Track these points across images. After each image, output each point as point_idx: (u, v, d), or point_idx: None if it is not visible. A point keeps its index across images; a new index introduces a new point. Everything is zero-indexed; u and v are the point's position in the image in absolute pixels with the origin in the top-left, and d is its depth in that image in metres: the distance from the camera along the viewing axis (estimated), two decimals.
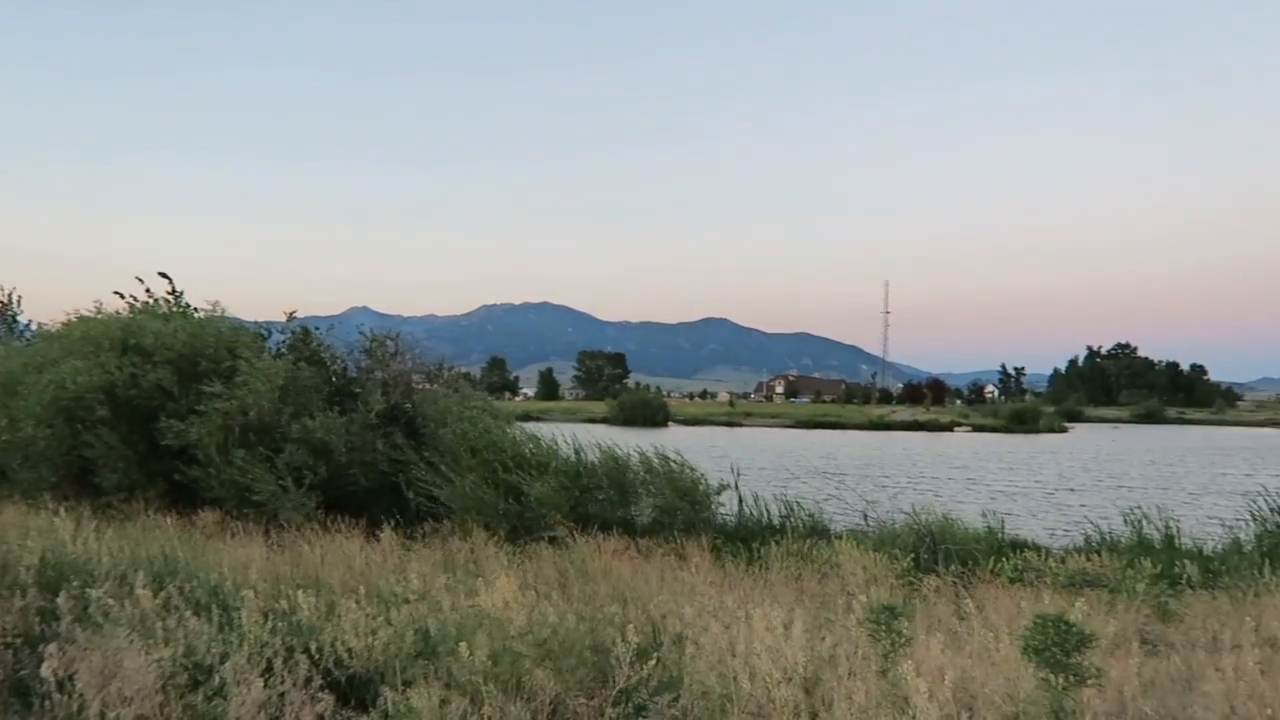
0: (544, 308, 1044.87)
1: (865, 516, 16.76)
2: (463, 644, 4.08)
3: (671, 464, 15.89)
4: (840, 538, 14.31)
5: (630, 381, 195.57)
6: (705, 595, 6.28)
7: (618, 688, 4.04)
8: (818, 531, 15.75)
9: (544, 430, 17.81)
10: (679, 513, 14.65)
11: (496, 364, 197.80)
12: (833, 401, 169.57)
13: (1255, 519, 16.35)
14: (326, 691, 4.42)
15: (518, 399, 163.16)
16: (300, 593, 5.68)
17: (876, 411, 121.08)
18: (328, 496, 14.32)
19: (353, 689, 4.69)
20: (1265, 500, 16.46)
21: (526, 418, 39.39)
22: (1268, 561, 13.37)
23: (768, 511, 16.89)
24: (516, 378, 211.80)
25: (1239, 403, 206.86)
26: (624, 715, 4.06)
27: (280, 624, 5.22)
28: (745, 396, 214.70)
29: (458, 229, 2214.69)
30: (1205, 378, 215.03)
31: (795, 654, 3.98)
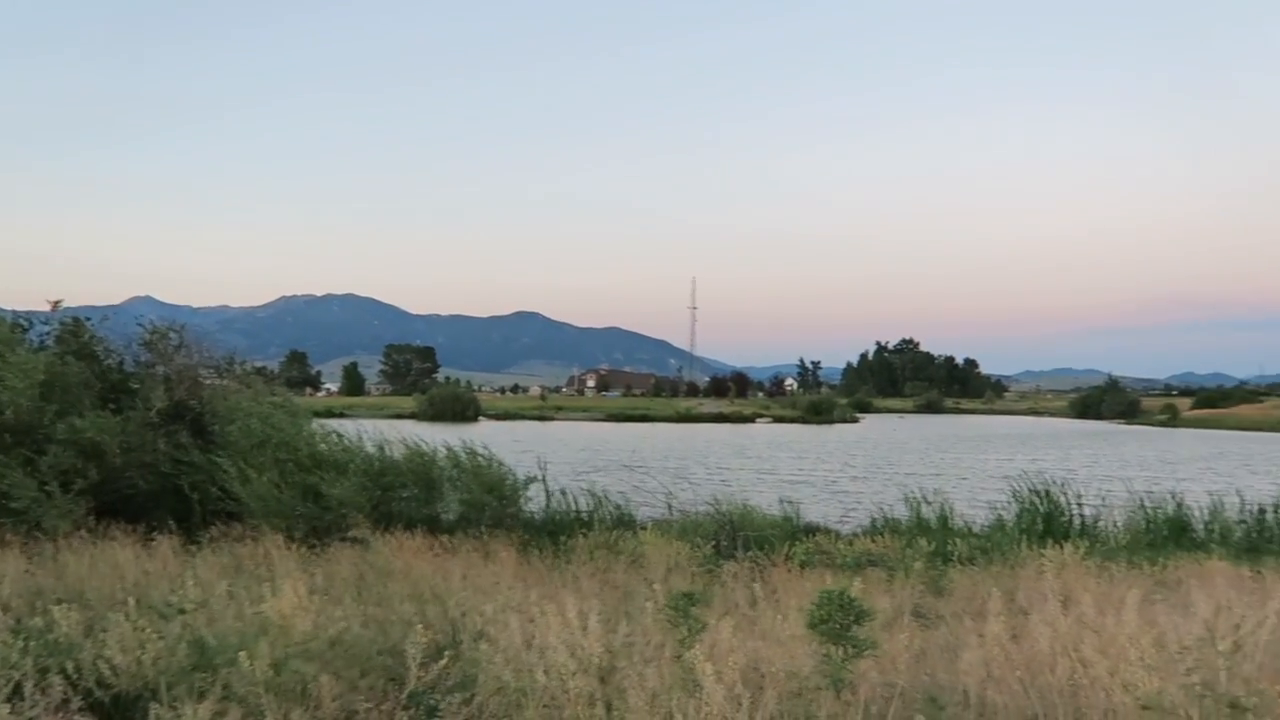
0: (348, 300, 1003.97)
1: (670, 507, 17.19)
2: (242, 654, 3.84)
3: (479, 460, 15.68)
4: (645, 528, 14.62)
5: (440, 376, 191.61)
6: (508, 591, 6.21)
7: (408, 690, 3.93)
8: (624, 523, 16.01)
9: (347, 427, 17.11)
10: (486, 509, 14.47)
11: (296, 358, 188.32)
12: (643, 395, 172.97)
13: (1016, 499, 18.07)
14: (86, 713, 4.05)
15: (320, 395, 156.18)
16: (59, 607, 5.18)
17: (684, 404, 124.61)
18: (101, 502, 13.14)
19: (118, 709, 4.33)
20: (1024, 483, 18.22)
21: (329, 414, 37.77)
22: (1025, 537, 14.80)
23: (576, 505, 17.01)
24: (319, 373, 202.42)
25: (1005, 393, 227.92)
26: (416, 718, 3.96)
27: (33, 643, 4.74)
28: (557, 390, 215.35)
29: (255, 214, 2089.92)
30: (978, 371, 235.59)
31: (592, 645, 4.00)
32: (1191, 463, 42.71)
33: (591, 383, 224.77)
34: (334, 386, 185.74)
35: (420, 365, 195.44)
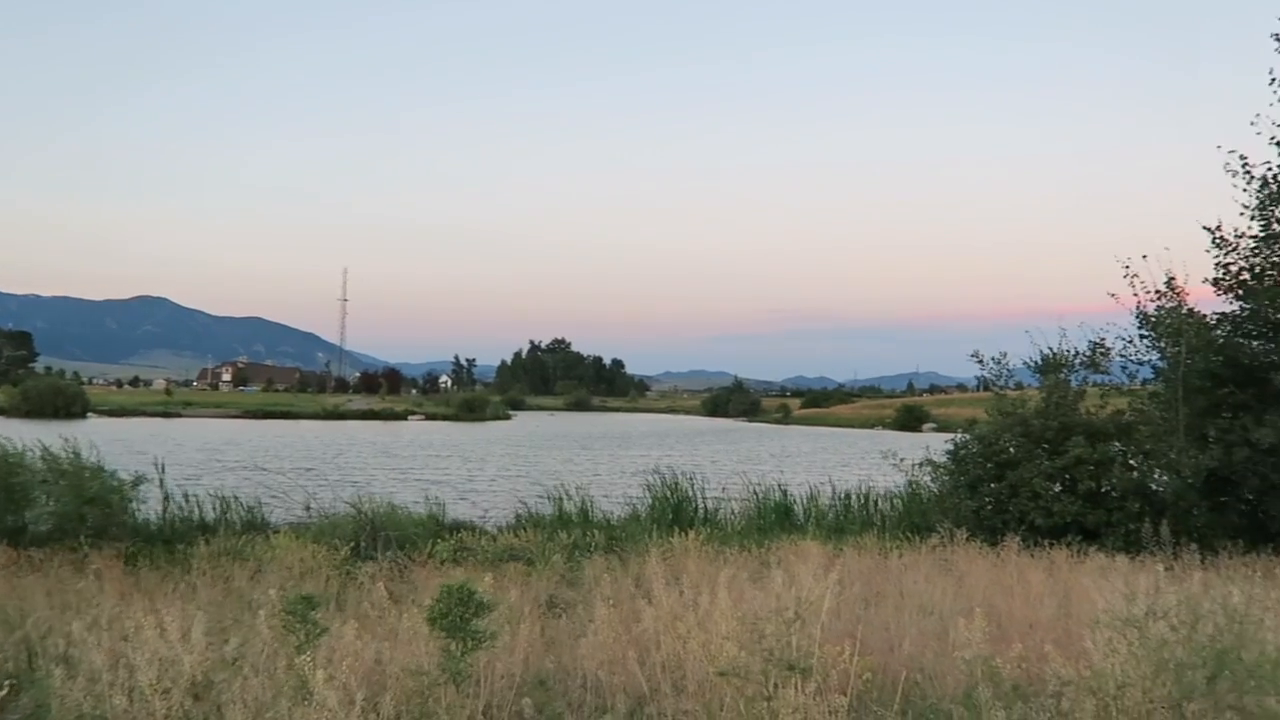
0: None
1: (308, 508, 16.34)
2: None
3: (82, 462, 13.85)
4: (279, 532, 13.78)
5: (39, 365, 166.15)
6: (101, 607, 5.55)
7: None
8: (256, 527, 15.00)
9: None
10: (87, 517, 12.82)
11: None
12: (286, 390, 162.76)
13: (650, 491, 19.40)
14: None
15: None
16: None
17: (332, 401, 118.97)
18: None
19: None
20: (658, 476, 19.62)
21: None
22: (656, 526, 15.95)
23: (200, 509, 15.65)
24: None
25: (648, 393, 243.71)
26: None
27: None
28: (188, 384, 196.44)
29: None
30: (623, 371, 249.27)
31: (194, 660, 3.70)
32: (797, 457, 48.37)
33: (228, 376, 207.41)
34: None
35: (13, 352, 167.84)
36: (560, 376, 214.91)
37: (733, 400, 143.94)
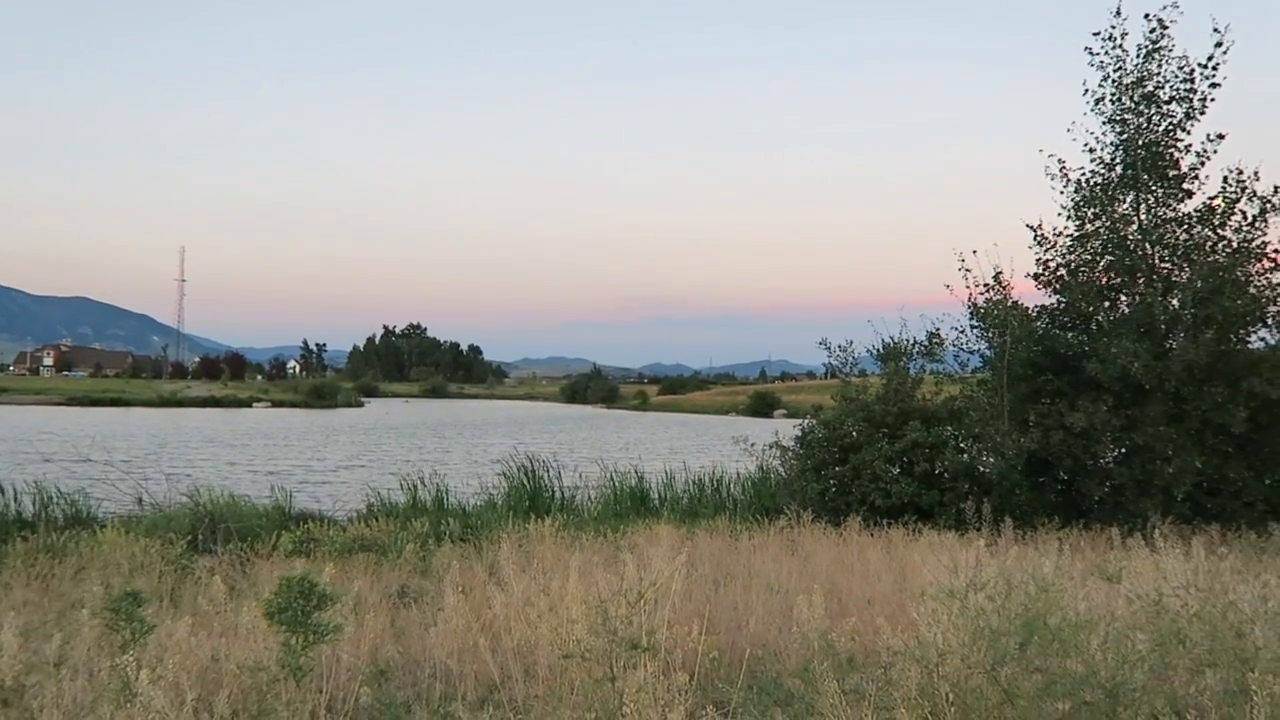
0: None
1: (140, 501, 15.40)
2: None
3: None
4: (107, 526, 12.93)
5: None
6: None
7: None
8: (81, 521, 13.99)
9: None
10: None
11: None
12: (117, 375, 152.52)
13: (507, 478, 19.27)
14: None
15: None
16: None
17: (169, 387, 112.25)
18: None
19: None
20: (515, 463, 19.51)
21: None
22: (511, 514, 15.86)
23: (16, 503, 14.51)
24: None
25: (506, 379, 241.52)
26: None
27: None
28: (3, 369, 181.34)
29: None
30: (481, 357, 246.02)
31: (6, 663, 3.45)
32: (654, 443, 49.05)
33: (50, 361, 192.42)
34: None
35: None
36: (416, 363, 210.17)
37: (591, 387, 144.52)
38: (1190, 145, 14.08)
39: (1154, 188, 14.18)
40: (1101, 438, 13.47)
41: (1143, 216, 14.25)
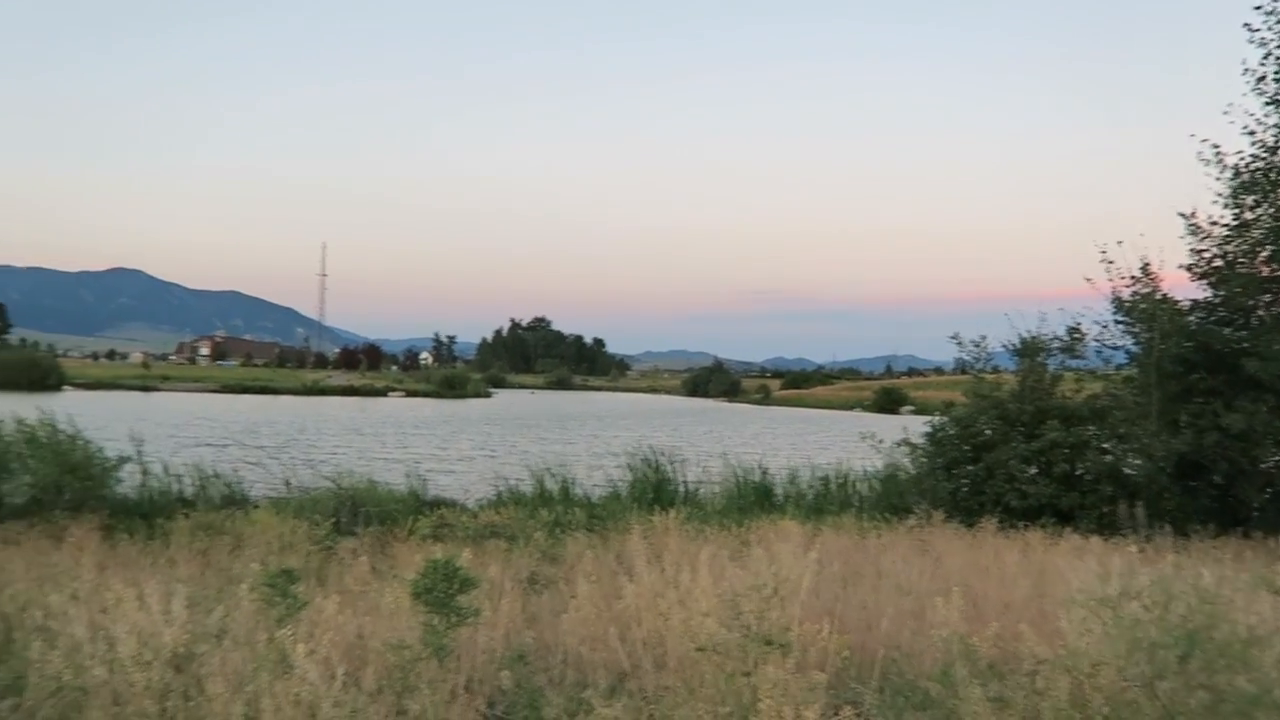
0: None
1: (288, 483, 16.27)
2: None
3: (58, 434, 13.73)
4: (259, 506, 13.73)
5: (13, 337, 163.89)
6: (81, 580, 5.53)
7: None
8: (235, 501, 14.92)
9: None
10: (64, 489, 12.73)
11: None
12: (265, 365, 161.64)
13: (631, 470, 19.45)
14: None
15: None
16: None
17: (312, 376, 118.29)
18: None
19: None
20: (639, 455, 19.65)
21: None
22: (636, 505, 16.00)
23: (179, 483, 15.55)
24: None
25: (629, 372, 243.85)
26: None
27: None
28: (165, 358, 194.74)
29: None
30: (604, 350, 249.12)
31: (175, 632, 3.70)
32: (777, 438, 48.60)
33: (206, 351, 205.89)
34: None
35: None
36: (541, 355, 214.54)
37: (713, 380, 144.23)
38: None
39: None
40: (1262, 440, 12.56)
41: None
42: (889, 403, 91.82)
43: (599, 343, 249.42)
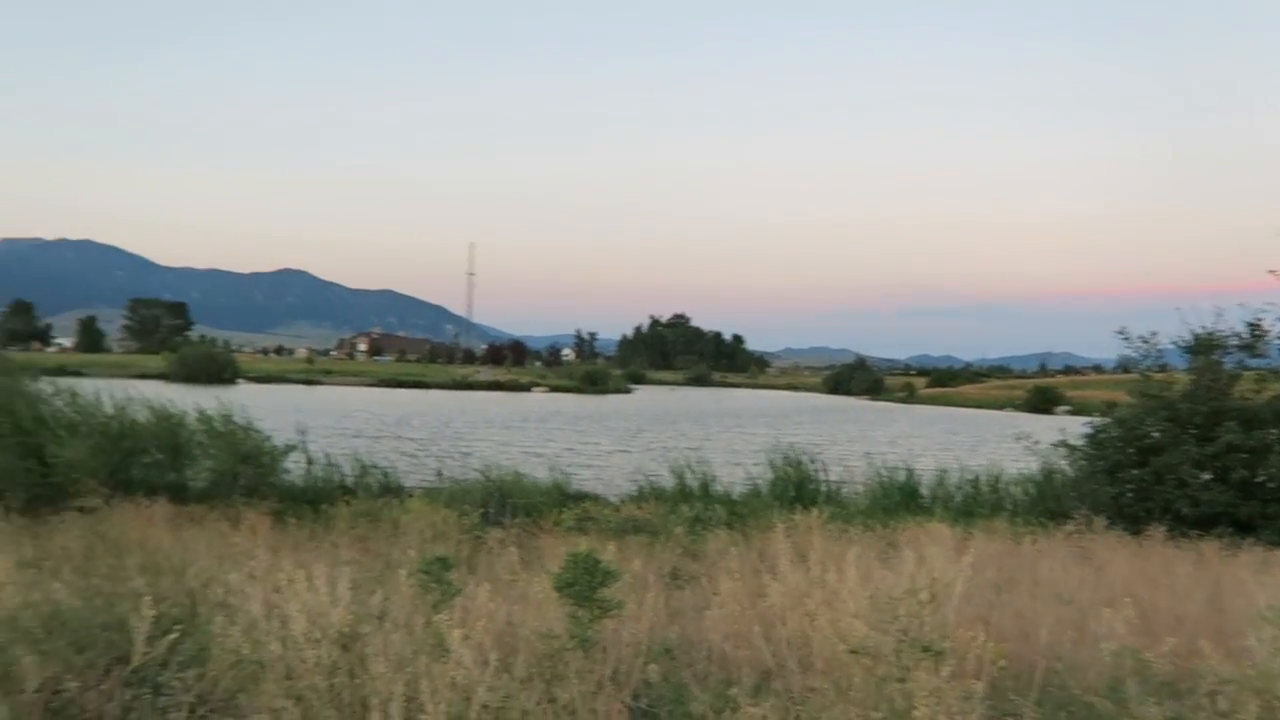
0: (86, 246, 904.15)
1: (439, 474, 16.94)
2: None
3: (234, 424, 14.77)
4: (412, 495, 14.36)
5: (194, 334, 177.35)
6: (257, 560, 5.91)
7: (131, 667, 3.66)
8: (391, 490, 15.64)
9: (84, 387, 15.54)
10: (240, 476, 13.68)
11: (20, 309, 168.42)
12: (417, 361, 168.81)
13: (772, 468, 19.26)
14: None
15: (50, 350, 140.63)
16: None
17: (460, 371, 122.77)
18: None
19: None
20: (780, 453, 19.44)
21: (61, 372, 33.98)
22: (778, 503, 15.84)
23: (340, 472, 16.42)
24: (49, 326, 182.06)
25: (768, 369, 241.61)
26: (139, 697, 3.70)
27: None
28: (326, 354, 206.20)
29: None
30: (743, 346, 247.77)
31: (340, 613, 3.90)
32: (922, 437, 47.12)
33: (363, 347, 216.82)
34: (68, 342, 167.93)
35: (170, 322, 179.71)
36: (680, 351, 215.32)
37: (855, 378, 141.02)
38: None
39: None
40: None
41: None
42: (1043, 402, 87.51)
43: (738, 339, 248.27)
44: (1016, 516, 14.55)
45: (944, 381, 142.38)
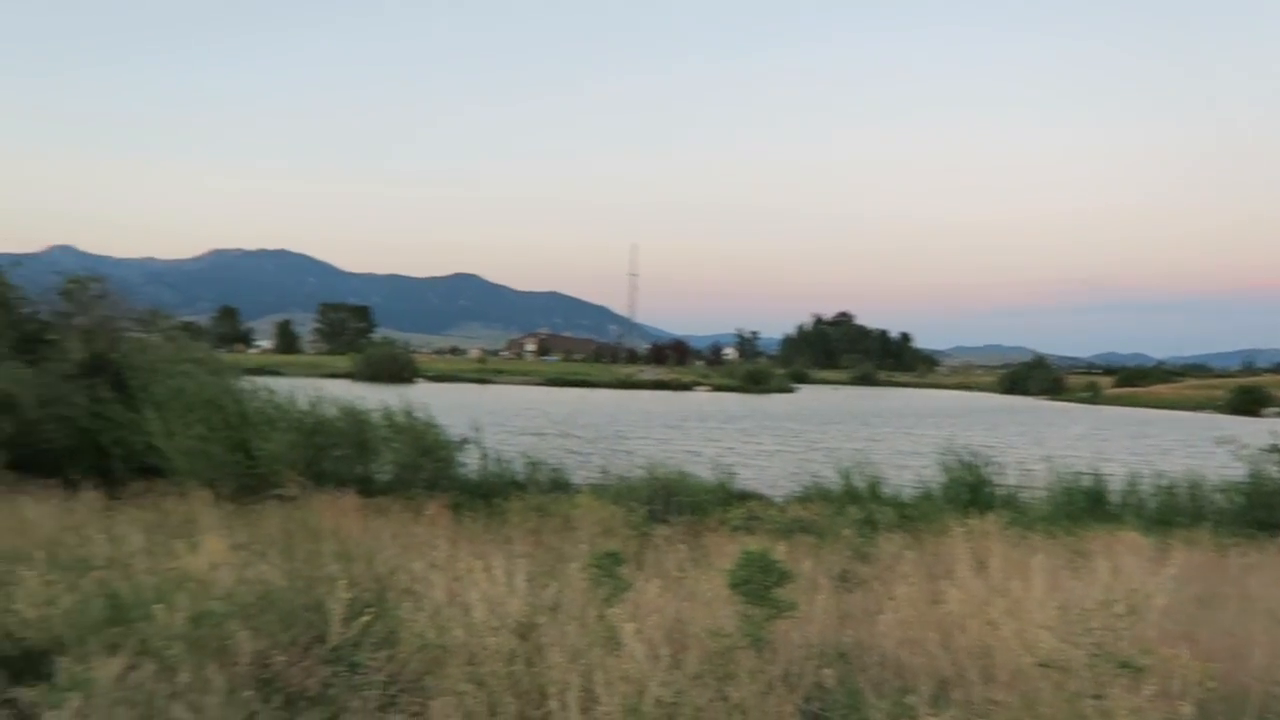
0: (282, 255, 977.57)
1: (606, 471, 17.24)
2: (158, 607, 3.77)
3: (415, 421, 15.56)
4: (580, 491, 14.70)
5: (376, 336, 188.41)
6: (438, 550, 6.20)
7: (329, 645, 3.92)
8: (559, 486, 16.07)
9: (281, 385, 16.82)
10: (421, 470, 14.41)
11: (227, 314, 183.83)
12: (583, 360, 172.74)
13: (945, 470, 18.54)
14: None
15: (252, 352, 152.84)
16: None
17: (624, 371, 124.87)
18: (15, 456, 12.74)
19: (28, 663, 4.23)
20: (952, 455, 18.69)
21: (261, 371, 36.88)
22: (951, 507, 15.24)
23: (512, 468, 16.98)
24: (251, 329, 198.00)
25: (937, 368, 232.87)
26: (337, 674, 3.95)
27: None
28: (496, 354, 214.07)
29: (184, 161, 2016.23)
30: (911, 345, 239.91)
31: (516, 603, 4.03)
32: (1109, 440, 44.19)
33: (531, 347, 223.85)
34: (267, 344, 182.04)
35: (356, 325, 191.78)
36: (844, 350, 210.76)
37: (1032, 377, 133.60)
38: None
39: None
40: None
41: None
42: (1248, 403, 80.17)
43: (905, 337, 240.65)
44: (1221, 526, 13.42)
45: (1133, 381, 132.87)
